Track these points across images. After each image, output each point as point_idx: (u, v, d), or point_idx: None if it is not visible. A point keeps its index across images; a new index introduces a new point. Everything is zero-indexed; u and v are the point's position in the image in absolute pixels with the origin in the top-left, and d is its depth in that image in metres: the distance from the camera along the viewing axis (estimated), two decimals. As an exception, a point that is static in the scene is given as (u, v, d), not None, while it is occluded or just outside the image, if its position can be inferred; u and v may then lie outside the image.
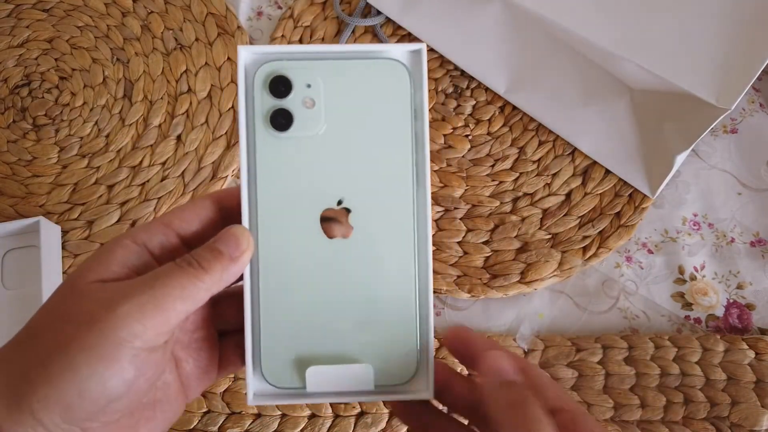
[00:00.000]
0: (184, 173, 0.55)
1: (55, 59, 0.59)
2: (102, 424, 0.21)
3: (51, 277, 0.47)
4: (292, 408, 0.46)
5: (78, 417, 0.20)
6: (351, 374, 0.26)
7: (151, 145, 0.55)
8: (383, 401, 0.27)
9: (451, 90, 0.58)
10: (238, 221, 0.25)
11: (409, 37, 0.59)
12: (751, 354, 0.47)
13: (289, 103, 0.25)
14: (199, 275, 0.22)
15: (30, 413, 0.19)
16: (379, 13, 0.59)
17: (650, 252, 0.52)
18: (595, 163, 0.54)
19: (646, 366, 0.47)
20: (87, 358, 0.20)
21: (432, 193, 0.49)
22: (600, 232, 0.52)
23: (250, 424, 0.45)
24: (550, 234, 0.52)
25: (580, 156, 0.54)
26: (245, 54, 0.25)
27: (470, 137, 0.56)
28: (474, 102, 0.57)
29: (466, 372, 0.28)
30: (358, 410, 0.46)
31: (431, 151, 0.55)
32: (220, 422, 0.45)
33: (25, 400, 0.20)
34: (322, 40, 0.60)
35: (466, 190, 0.54)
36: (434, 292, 0.49)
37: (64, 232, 0.52)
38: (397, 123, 0.26)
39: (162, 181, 0.54)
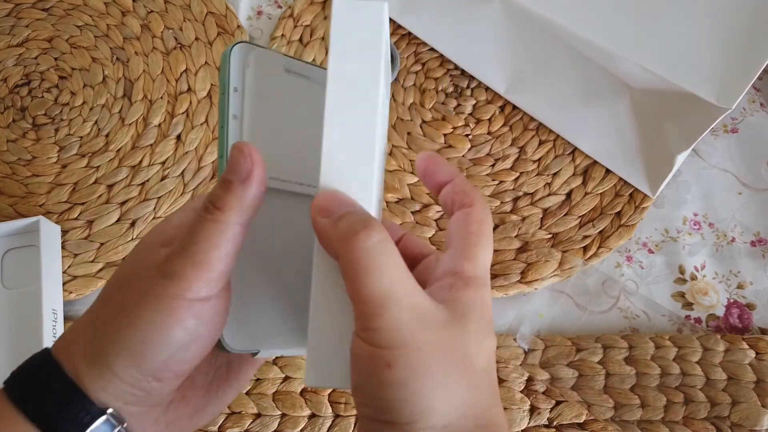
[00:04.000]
0: (184, 173, 0.54)
1: (55, 59, 0.59)
2: (174, 375, 0.23)
3: (51, 277, 0.47)
4: (293, 408, 0.46)
5: (150, 366, 0.22)
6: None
7: (151, 145, 0.55)
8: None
9: (451, 89, 0.58)
10: None
11: (409, 37, 0.59)
12: (752, 354, 0.47)
13: None
14: (218, 218, 0.22)
15: (107, 366, 0.22)
16: (379, 12, 0.59)
17: (651, 252, 0.52)
18: (595, 162, 0.54)
19: (646, 366, 0.47)
20: (148, 314, 0.22)
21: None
22: (600, 231, 0.52)
23: (250, 423, 0.45)
24: (550, 234, 0.52)
25: (580, 155, 0.54)
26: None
27: (470, 137, 0.56)
28: (474, 101, 0.57)
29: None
30: (358, 410, 0.46)
31: (432, 150, 0.55)
32: (220, 422, 0.45)
33: (101, 356, 0.22)
34: (322, 40, 0.60)
35: (466, 189, 0.54)
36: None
37: (64, 232, 0.52)
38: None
39: (162, 180, 0.54)
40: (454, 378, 0.21)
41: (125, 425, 0.22)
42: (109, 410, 0.22)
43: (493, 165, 0.55)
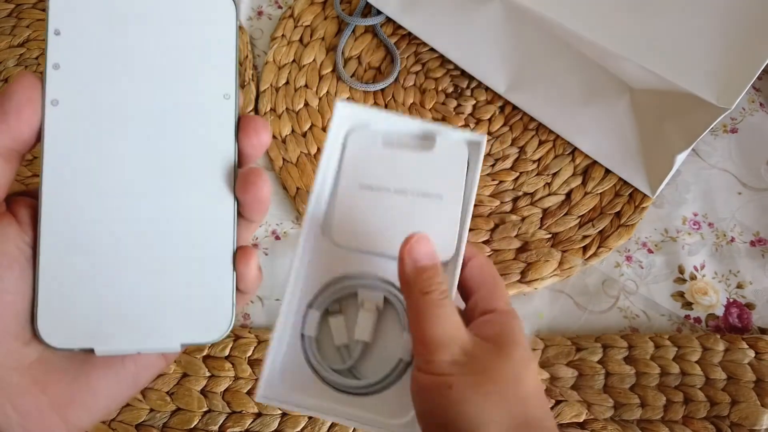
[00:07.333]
0: (185, 173, 0.55)
1: (56, 59, 0.59)
2: None
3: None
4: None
5: None
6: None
7: (152, 145, 0.55)
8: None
9: (451, 90, 0.58)
10: None
11: (409, 37, 0.59)
12: (751, 353, 0.47)
13: None
14: None
15: None
16: (379, 12, 0.59)
17: (650, 251, 0.52)
18: (595, 162, 0.54)
19: (646, 365, 0.47)
20: None
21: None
22: (600, 231, 0.52)
23: (251, 423, 0.45)
24: (550, 233, 0.52)
25: (580, 155, 0.54)
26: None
27: (470, 137, 0.56)
28: (474, 101, 0.57)
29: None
30: (358, 409, 0.46)
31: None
32: (221, 421, 0.45)
33: None
34: (323, 40, 0.60)
35: (466, 189, 0.54)
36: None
37: (65, 232, 0.52)
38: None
39: (162, 180, 0.54)
40: (507, 396, 0.25)
41: None
42: None
43: (493, 165, 0.55)
